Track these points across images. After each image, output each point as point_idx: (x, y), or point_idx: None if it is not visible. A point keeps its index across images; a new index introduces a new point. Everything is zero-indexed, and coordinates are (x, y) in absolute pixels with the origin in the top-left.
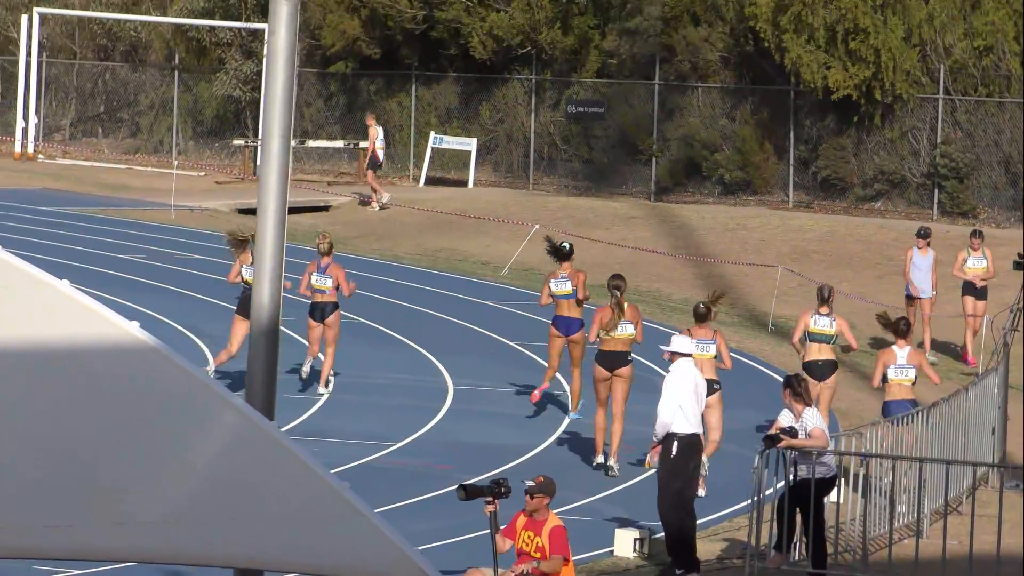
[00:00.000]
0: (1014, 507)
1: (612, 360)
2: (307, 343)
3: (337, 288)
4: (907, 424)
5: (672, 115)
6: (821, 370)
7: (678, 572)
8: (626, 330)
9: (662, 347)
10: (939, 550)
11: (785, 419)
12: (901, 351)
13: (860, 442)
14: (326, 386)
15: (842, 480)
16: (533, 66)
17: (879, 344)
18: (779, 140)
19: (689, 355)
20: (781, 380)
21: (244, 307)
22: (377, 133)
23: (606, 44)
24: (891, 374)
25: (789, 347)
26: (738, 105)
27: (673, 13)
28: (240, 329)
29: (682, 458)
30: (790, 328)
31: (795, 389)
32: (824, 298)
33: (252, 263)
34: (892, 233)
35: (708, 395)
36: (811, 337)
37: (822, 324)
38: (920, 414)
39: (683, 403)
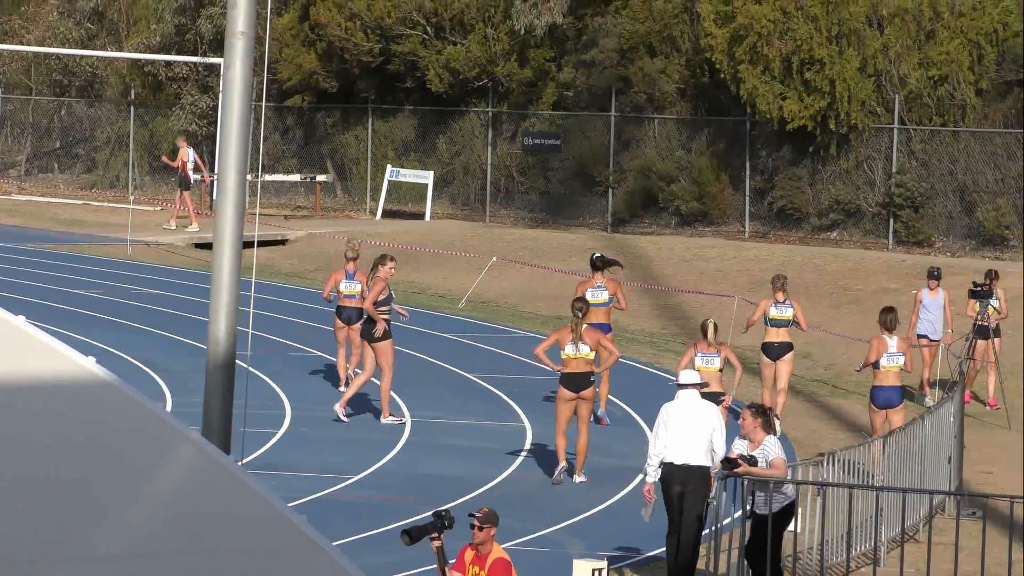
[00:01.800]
0: (971, 535)
1: (576, 381)
2: (335, 359)
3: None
4: (867, 448)
5: (628, 146)
6: (778, 350)
7: None
8: (582, 351)
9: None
10: None
11: (739, 448)
12: (891, 340)
13: (817, 471)
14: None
15: (799, 509)
16: (490, 99)
17: (835, 371)
18: (735, 171)
19: (688, 386)
20: (740, 410)
21: (365, 325)
22: (188, 154)
23: (563, 76)
24: (884, 361)
25: (746, 376)
26: (694, 136)
27: (629, 45)
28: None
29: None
30: (748, 358)
31: (766, 418)
32: (780, 286)
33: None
34: (848, 263)
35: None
36: (771, 323)
37: (781, 311)
38: (877, 443)
39: (671, 434)
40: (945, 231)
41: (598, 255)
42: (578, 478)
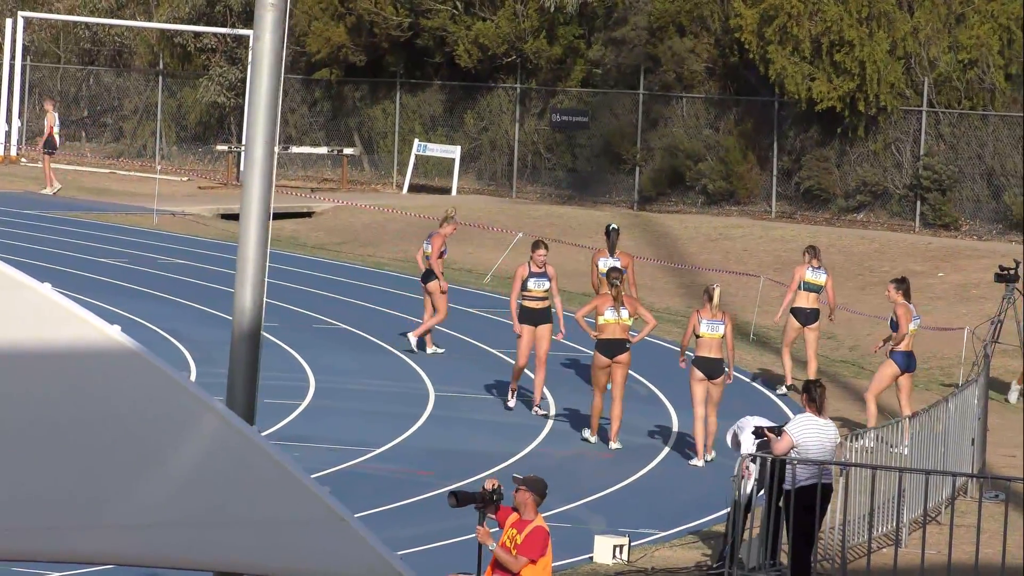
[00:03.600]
0: (993, 517)
1: (612, 347)
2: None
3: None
4: (890, 430)
5: (656, 125)
6: (808, 316)
7: None
8: (622, 316)
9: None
10: (918, 559)
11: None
12: (911, 306)
13: (840, 452)
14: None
15: (833, 492)
16: (518, 75)
17: (860, 352)
18: (763, 151)
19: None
20: (764, 391)
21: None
22: (55, 119)
23: (591, 54)
24: (912, 326)
25: (772, 357)
26: (722, 115)
27: (659, 23)
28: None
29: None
30: (772, 338)
31: (811, 395)
32: (815, 254)
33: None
34: (874, 245)
35: (717, 377)
36: (805, 286)
37: (816, 276)
38: (900, 424)
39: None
40: (972, 214)
41: (614, 226)
42: (613, 444)
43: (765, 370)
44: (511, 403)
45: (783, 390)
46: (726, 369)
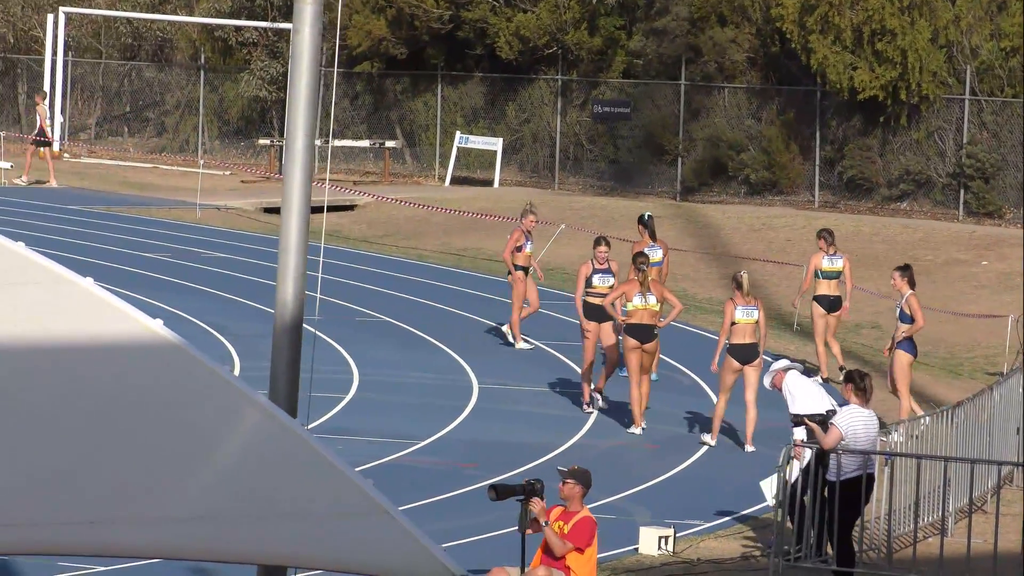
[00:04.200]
0: None
1: (641, 332)
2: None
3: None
4: (934, 422)
5: (698, 115)
6: (832, 303)
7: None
8: (649, 302)
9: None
10: (964, 548)
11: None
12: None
13: (885, 442)
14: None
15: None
16: (559, 66)
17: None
18: (805, 140)
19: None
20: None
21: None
22: (45, 111)
23: (632, 44)
24: (919, 318)
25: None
26: (764, 105)
27: (700, 14)
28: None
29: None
30: (804, 324)
31: (858, 385)
32: (831, 239)
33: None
34: (918, 233)
35: (753, 360)
36: (823, 275)
37: (833, 262)
38: (944, 414)
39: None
40: (1016, 202)
41: (649, 214)
42: (635, 429)
43: (806, 361)
44: (591, 407)
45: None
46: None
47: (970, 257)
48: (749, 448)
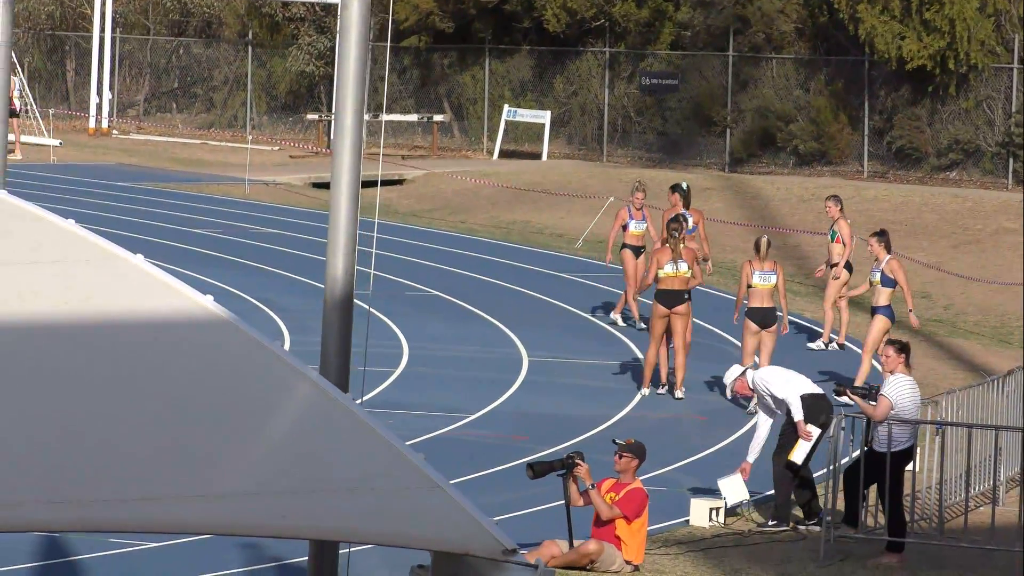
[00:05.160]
0: None
1: (671, 298)
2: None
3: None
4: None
5: (746, 86)
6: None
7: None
8: (680, 269)
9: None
10: (1015, 517)
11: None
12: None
13: (935, 411)
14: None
15: (918, 449)
16: (607, 39)
17: (954, 311)
18: (853, 110)
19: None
20: (856, 350)
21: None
22: (14, 82)
23: (680, 16)
24: (874, 277)
25: (864, 317)
26: (812, 76)
27: None
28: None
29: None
30: (865, 298)
31: (897, 352)
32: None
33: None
34: (967, 203)
35: (770, 325)
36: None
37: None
38: (996, 382)
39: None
40: None
41: (687, 184)
42: (679, 393)
43: (854, 334)
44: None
45: (819, 345)
46: (779, 315)
47: (1019, 226)
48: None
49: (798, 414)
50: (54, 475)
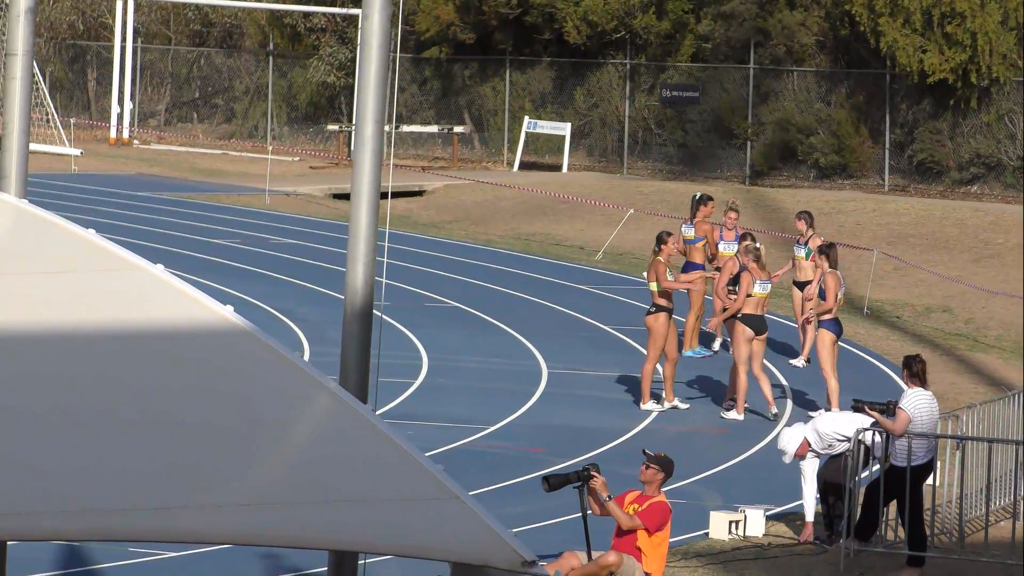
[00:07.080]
0: None
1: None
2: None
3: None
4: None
5: (767, 99)
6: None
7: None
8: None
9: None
10: None
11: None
12: (840, 274)
13: (956, 425)
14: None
15: (938, 463)
16: (627, 51)
17: (975, 325)
18: (875, 124)
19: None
20: (878, 364)
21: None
22: None
23: (701, 28)
24: (840, 294)
25: (887, 331)
26: (833, 89)
27: None
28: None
29: None
30: (886, 312)
31: (912, 370)
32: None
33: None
34: (988, 217)
35: (764, 333)
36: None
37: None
38: (1017, 397)
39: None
40: None
41: (703, 195)
42: (667, 403)
43: (876, 348)
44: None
45: (801, 362)
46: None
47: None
48: (773, 410)
49: (878, 418)
50: (73, 484)
